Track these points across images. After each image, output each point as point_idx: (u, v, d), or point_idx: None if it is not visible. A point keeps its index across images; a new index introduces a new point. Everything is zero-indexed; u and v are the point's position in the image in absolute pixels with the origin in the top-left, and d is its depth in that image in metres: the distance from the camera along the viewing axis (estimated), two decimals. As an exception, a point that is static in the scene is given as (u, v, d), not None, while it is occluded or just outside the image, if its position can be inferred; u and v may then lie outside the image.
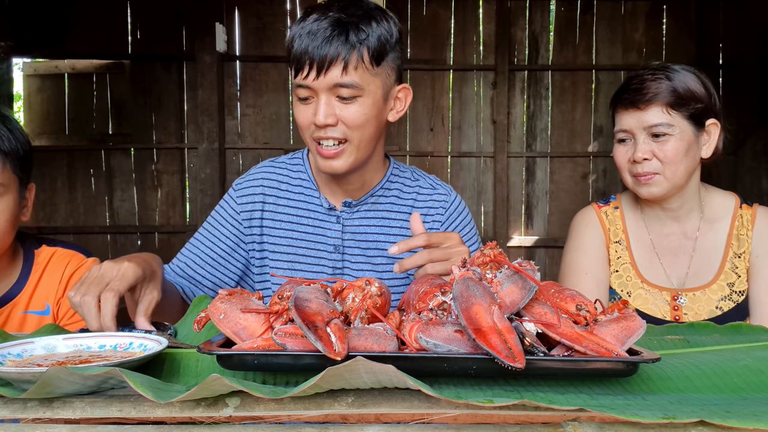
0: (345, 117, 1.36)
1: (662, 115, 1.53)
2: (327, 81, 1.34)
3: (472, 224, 1.61)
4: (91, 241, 5.91)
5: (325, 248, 1.52)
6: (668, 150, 1.53)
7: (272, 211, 1.53)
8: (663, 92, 1.53)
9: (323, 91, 1.35)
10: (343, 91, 1.35)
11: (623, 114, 1.59)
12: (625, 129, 1.59)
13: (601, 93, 5.89)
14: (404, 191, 1.57)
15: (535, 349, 0.80)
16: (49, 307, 1.59)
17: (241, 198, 1.54)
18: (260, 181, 1.55)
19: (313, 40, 1.33)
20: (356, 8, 1.37)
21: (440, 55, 5.91)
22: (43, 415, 0.76)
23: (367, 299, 0.91)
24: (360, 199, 1.53)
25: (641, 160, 1.55)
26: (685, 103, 1.53)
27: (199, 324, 0.96)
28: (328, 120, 1.35)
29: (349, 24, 1.34)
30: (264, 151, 5.94)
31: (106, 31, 5.81)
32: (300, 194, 1.55)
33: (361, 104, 1.37)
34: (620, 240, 1.70)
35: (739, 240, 1.63)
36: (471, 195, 5.98)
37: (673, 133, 1.53)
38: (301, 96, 1.38)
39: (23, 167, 1.50)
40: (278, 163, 1.60)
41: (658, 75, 1.55)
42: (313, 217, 1.53)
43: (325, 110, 1.35)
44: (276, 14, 5.86)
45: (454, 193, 1.61)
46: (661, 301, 1.62)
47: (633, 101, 1.56)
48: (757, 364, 0.92)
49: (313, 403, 0.77)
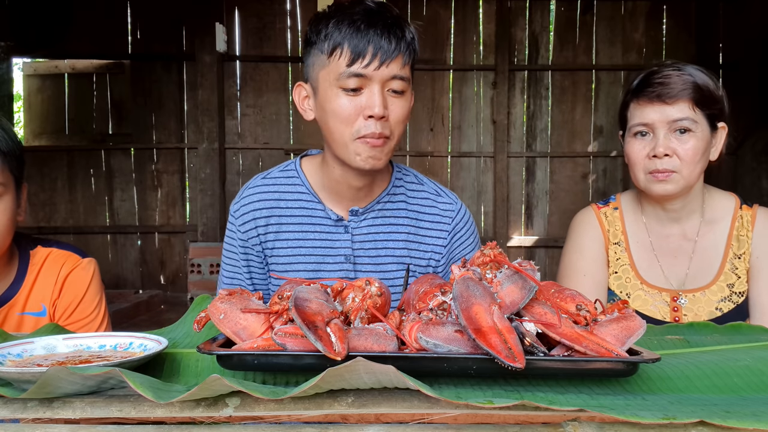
0: (393, 110, 1.35)
1: (688, 111, 1.51)
2: (388, 72, 1.32)
3: (476, 234, 1.60)
4: (91, 241, 5.92)
5: (336, 260, 1.49)
6: (689, 148, 1.51)
7: (276, 231, 1.50)
8: (690, 88, 1.51)
9: (378, 82, 1.32)
10: (396, 83, 1.34)
11: (646, 107, 1.55)
12: (647, 123, 1.55)
13: (601, 93, 5.89)
14: (409, 196, 1.55)
15: (535, 349, 0.80)
16: (45, 308, 1.58)
17: (243, 226, 1.51)
18: (256, 203, 1.51)
19: (374, 29, 1.31)
20: (392, 8, 1.39)
21: (440, 55, 5.91)
22: (43, 415, 0.76)
23: (367, 299, 0.91)
24: (367, 206, 1.50)
25: (662, 155, 1.52)
26: (707, 102, 1.52)
27: (199, 324, 0.96)
28: (384, 111, 1.32)
29: (402, 22, 1.36)
30: (264, 151, 5.94)
31: (106, 31, 5.81)
32: (301, 209, 1.51)
33: (405, 99, 1.38)
34: (619, 241, 1.69)
35: (739, 241, 1.62)
36: (471, 195, 5.99)
37: (695, 131, 1.51)
38: (351, 86, 1.32)
39: (19, 167, 1.50)
40: (271, 179, 1.54)
41: (683, 71, 1.54)
42: (321, 230, 1.49)
43: (382, 101, 1.32)
44: (276, 14, 5.87)
45: (459, 203, 1.59)
46: (661, 302, 1.62)
47: (660, 95, 1.52)
48: (757, 364, 0.92)
49: (313, 403, 0.77)
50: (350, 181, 1.44)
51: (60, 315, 1.59)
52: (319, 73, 1.37)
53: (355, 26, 1.31)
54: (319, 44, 1.36)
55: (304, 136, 5.93)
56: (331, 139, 1.38)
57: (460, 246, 1.55)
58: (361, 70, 1.31)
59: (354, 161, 1.37)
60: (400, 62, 1.34)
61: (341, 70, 1.32)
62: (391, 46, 1.32)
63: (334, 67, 1.33)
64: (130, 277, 6.02)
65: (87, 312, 1.61)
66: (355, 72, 1.31)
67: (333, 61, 1.33)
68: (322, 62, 1.36)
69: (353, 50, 1.31)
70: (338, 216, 1.49)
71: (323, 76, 1.36)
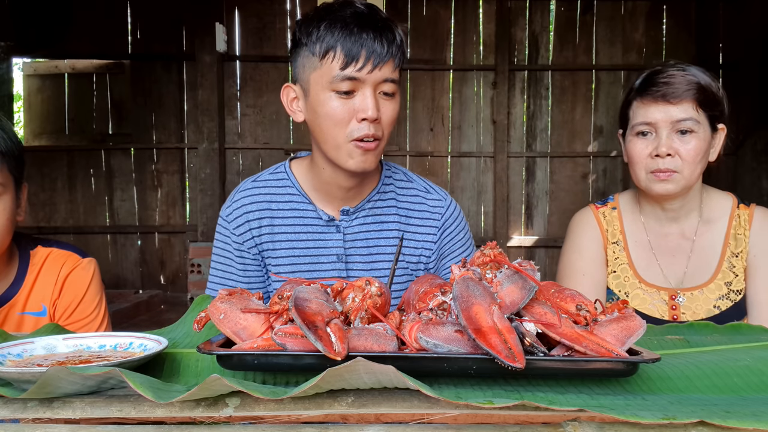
0: (384, 112, 1.36)
1: (692, 111, 1.52)
2: (380, 75, 1.33)
3: (467, 229, 1.60)
4: (91, 241, 5.92)
5: (329, 259, 1.50)
6: (691, 148, 1.52)
7: (269, 233, 1.50)
8: (694, 89, 1.52)
9: (370, 85, 1.33)
10: (387, 86, 1.35)
11: (649, 106, 1.55)
12: (650, 122, 1.55)
13: (601, 93, 5.89)
14: (399, 194, 1.56)
15: (535, 349, 0.80)
16: (45, 308, 1.58)
17: (237, 229, 1.51)
18: (248, 206, 1.51)
19: (366, 32, 1.32)
20: (380, 11, 1.40)
21: (440, 55, 5.91)
22: (43, 415, 0.76)
23: (367, 299, 0.91)
24: (357, 205, 1.51)
25: (665, 155, 1.53)
26: (710, 104, 1.53)
27: (199, 324, 0.96)
28: (376, 114, 1.33)
29: (392, 24, 1.37)
30: (264, 151, 5.94)
31: (106, 31, 5.81)
32: (293, 210, 1.52)
33: (396, 101, 1.39)
34: (618, 241, 1.70)
35: (737, 240, 1.63)
36: (471, 195, 5.99)
37: (698, 131, 1.52)
38: (343, 89, 1.33)
39: (19, 167, 1.50)
40: (261, 182, 1.55)
41: (687, 72, 1.54)
42: (313, 231, 1.51)
43: (374, 103, 1.33)
44: (276, 14, 5.87)
45: (449, 198, 1.60)
46: (659, 301, 1.62)
47: (664, 94, 1.52)
48: (757, 364, 0.92)
49: (313, 403, 0.77)
50: (340, 181, 1.45)
51: (60, 315, 1.59)
52: (310, 76, 1.37)
53: (348, 29, 1.32)
54: (310, 46, 1.35)
55: (304, 136, 5.93)
56: (323, 141, 1.39)
57: (450, 242, 1.56)
58: (354, 73, 1.31)
59: (346, 163, 1.37)
60: (392, 65, 1.35)
61: (334, 74, 1.32)
62: (384, 50, 1.32)
63: (326, 70, 1.33)
64: (130, 277, 6.02)
65: (87, 312, 1.61)
66: (348, 75, 1.31)
67: (325, 64, 1.33)
68: (314, 64, 1.35)
69: (347, 54, 1.31)
70: (329, 216, 1.50)
71: (315, 79, 1.36)
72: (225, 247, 1.53)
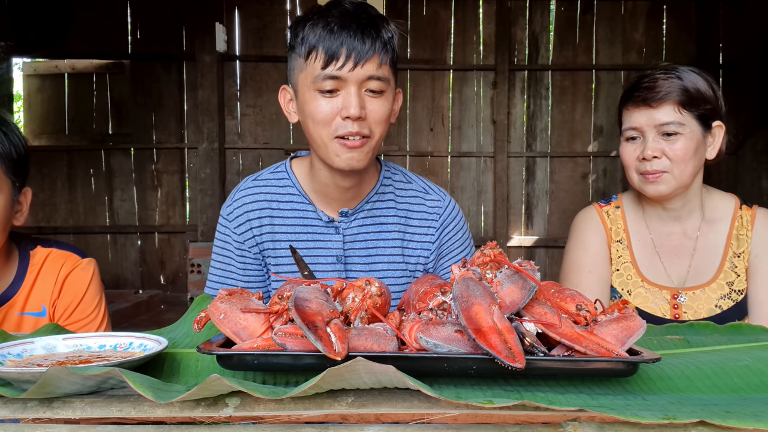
0: (372, 110, 1.35)
1: (674, 114, 1.54)
2: (363, 72, 1.32)
3: (466, 229, 1.60)
4: (91, 241, 5.91)
5: (328, 260, 1.50)
6: (678, 149, 1.54)
7: (269, 232, 1.50)
8: (675, 91, 1.55)
9: (354, 84, 1.33)
10: (374, 83, 1.34)
11: (634, 112, 1.59)
12: (635, 127, 1.59)
13: (601, 93, 5.89)
14: (398, 195, 1.56)
15: (535, 349, 0.80)
16: (45, 308, 1.58)
17: (238, 228, 1.51)
18: (249, 205, 1.51)
19: (347, 30, 1.31)
20: (370, 9, 1.39)
21: (440, 55, 5.91)
22: (43, 415, 0.76)
23: (367, 299, 0.91)
24: (356, 207, 1.51)
25: (651, 157, 1.56)
26: (696, 103, 1.55)
27: (199, 324, 0.96)
28: (361, 112, 1.33)
29: (380, 21, 1.36)
30: (264, 151, 5.94)
31: (106, 31, 5.81)
32: (293, 210, 1.52)
33: (385, 99, 1.38)
34: (621, 239, 1.71)
35: (739, 240, 1.65)
36: (471, 195, 5.98)
37: (683, 132, 1.54)
38: (327, 88, 1.34)
39: (17, 171, 1.48)
40: (262, 180, 1.55)
41: (670, 74, 1.57)
42: (312, 231, 1.51)
43: (358, 102, 1.33)
44: (276, 14, 5.86)
45: (447, 198, 1.59)
46: (661, 300, 1.63)
47: (645, 99, 1.56)
48: (757, 364, 0.92)
49: (313, 403, 0.77)
50: (337, 182, 1.46)
51: (60, 315, 1.59)
52: (298, 77, 1.39)
53: (329, 28, 1.33)
54: (297, 48, 1.38)
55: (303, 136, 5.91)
56: (312, 140, 1.40)
57: (449, 241, 1.56)
58: (335, 72, 1.32)
59: (334, 162, 1.38)
60: (376, 62, 1.33)
61: (317, 73, 1.33)
62: (365, 47, 1.32)
63: (310, 70, 1.35)
64: (130, 277, 6.02)
65: (87, 312, 1.61)
66: (329, 74, 1.32)
67: (309, 64, 1.35)
68: (300, 65, 1.38)
69: (327, 52, 1.32)
70: (329, 217, 1.50)
71: (302, 80, 1.38)
72: (225, 246, 1.53)
